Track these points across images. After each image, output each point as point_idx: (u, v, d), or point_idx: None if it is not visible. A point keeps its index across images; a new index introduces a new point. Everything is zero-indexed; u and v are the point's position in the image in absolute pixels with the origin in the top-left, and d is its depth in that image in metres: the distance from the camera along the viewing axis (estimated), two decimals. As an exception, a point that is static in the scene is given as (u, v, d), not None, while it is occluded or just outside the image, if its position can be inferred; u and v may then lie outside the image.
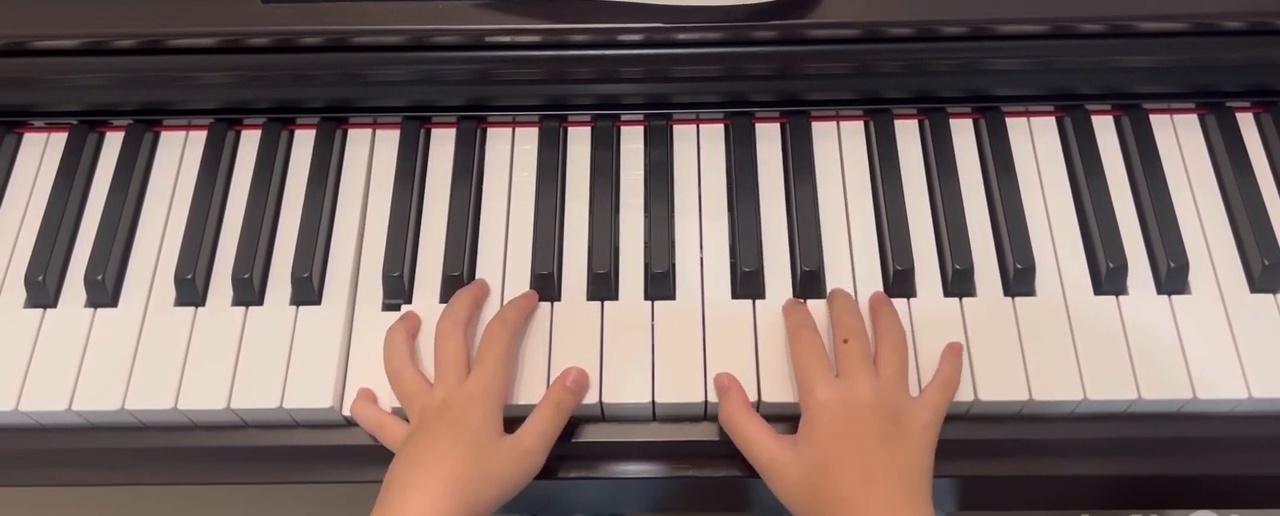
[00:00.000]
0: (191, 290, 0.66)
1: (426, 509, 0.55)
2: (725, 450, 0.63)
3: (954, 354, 0.62)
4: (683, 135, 0.73)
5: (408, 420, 0.61)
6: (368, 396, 0.63)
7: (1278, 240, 0.66)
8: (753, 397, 0.62)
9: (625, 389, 0.63)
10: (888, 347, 0.61)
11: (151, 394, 0.63)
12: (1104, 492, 0.66)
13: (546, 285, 0.66)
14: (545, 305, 0.66)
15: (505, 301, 0.66)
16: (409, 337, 0.64)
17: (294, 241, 0.68)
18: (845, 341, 0.60)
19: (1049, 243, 0.67)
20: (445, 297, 0.66)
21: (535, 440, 0.59)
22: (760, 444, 0.59)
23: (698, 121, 0.73)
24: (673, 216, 0.69)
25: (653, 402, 0.62)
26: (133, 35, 0.67)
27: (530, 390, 0.62)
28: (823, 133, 0.72)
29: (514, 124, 0.73)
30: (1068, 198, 0.69)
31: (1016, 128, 0.72)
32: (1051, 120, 0.72)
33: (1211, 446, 0.63)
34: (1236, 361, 0.63)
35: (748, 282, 0.66)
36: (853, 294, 0.65)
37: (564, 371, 0.62)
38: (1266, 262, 0.65)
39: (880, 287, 0.66)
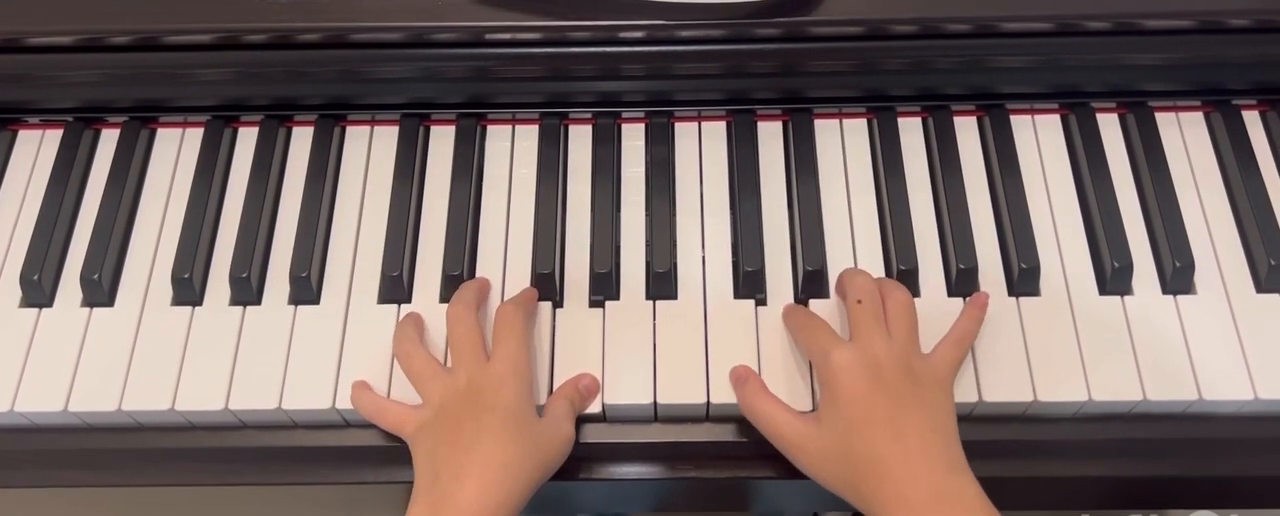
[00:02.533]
0: (189, 289, 0.66)
1: (481, 497, 0.55)
2: (728, 451, 0.63)
3: (976, 308, 0.62)
4: (684, 133, 0.72)
5: (410, 408, 0.60)
6: (364, 385, 0.62)
7: (1284, 239, 0.65)
8: (755, 398, 0.61)
9: (627, 389, 0.62)
10: (895, 307, 0.60)
11: (148, 394, 0.62)
12: (1109, 493, 0.66)
13: (547, 284, 0.66)
14: (546, 305, 0.65)
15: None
16: (418, 329, 0.64)
17: (292, 240, 0.67)
18: (858, 302, 0.60)
19: (1053, 242, 0.67)
20: (445, 297, 0.65)
21: (570, 425, 0.60)
22: (783, 421, 0.58)
23: (700, 119, 0.73)
24: (674, 215, 0.68)
25: (654, 403, 0.62)
26: (129, 31, 0.67)
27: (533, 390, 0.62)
28: (826, 130, 0.72)
29: (514, 121, 0.73)
30: (1072, 196, 0.69)
31: (1021, 125, 0.71)
32: (1056, 118, 0.72)
33: (1217, 447, 0.63)
34: (1242, 362, 0.62)
35: (750, 282, 0.65)
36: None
37: (579, 375, 0.62)
38: (1273, 262, 0.64)
39: (883, 287, 0.66)
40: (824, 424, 0.57)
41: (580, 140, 0.72)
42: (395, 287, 0.66)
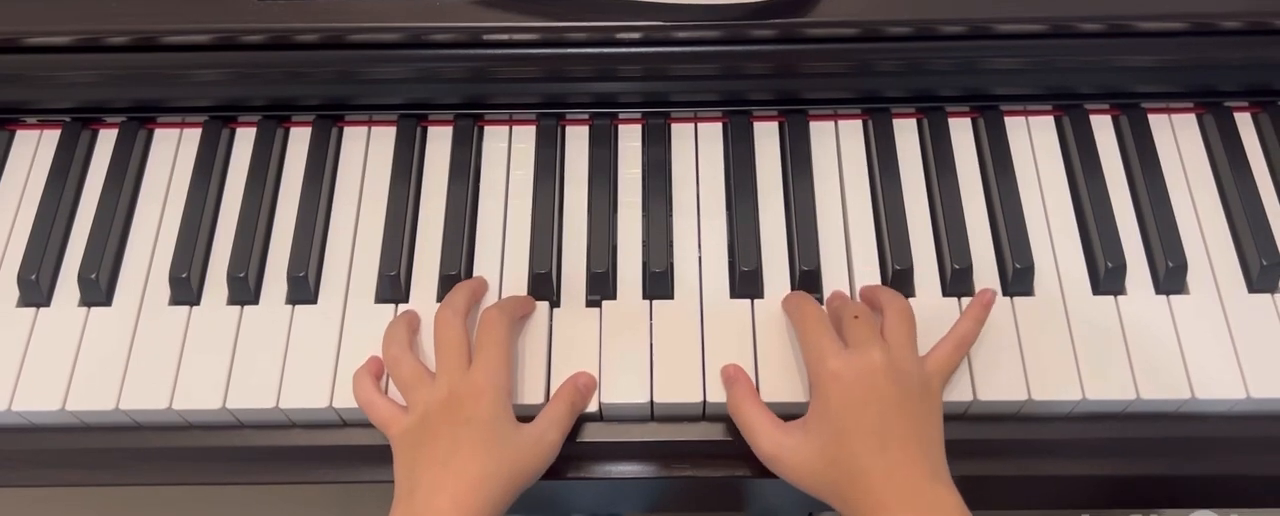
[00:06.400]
0: (186, 289, 0.66)
1: (456, 511, 0.55)
2: (723, 450, 0.63)
3: (980, 307, 0.62)
4: (681, 134, 0.72)
5: (398, 410, 0.60)
6: (368, 372, 0.62)
7: (1276, 240, 0.66)
8: (752, 396, 0.61)
9: (623, 389, 0.62)
10: (893, 314, 0.61)
11: (146, 394, 0.63)
12: (1102, 492, 0.66)
13: (544, 284, 0.66)
14: (543, 304, 0.65)
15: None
16: (410, 330, 0.64)
17: (289, 240, 0.68)
18: (855, 317, 0.60)
19: (1047, 242, 0.67)
20: (443, 297, 0.65)
21: (555, 433, 0.60)
22: (764, 433, 0.59)
23: (696, 120, 0.73)
24: (671, 215, 0.69)
25: (651, 402, 0.62)
26: (127, 32, 0.67)
27: (530, 390, 0.62)
28: (821, 131, 0.72)
29: (511, 122, 0.73)
30: (1066, 197, 0.69)
31: (1015, 127, 0.72)
32: (1050, 119, 0.72)
33: (1210, 446, 0.63)
34: (1234, 361, 0.63)
35: (746, 282, 0.65)
36: (851, 293, 0.66)
37: (576, 374, 0.62)
38: (1264, 262, 0.65)
39: (879, 287, 0.66)
40: (810, 432, 0.57)
41: (577, 141, 0.72)
42: (392, 287, 0.66)
